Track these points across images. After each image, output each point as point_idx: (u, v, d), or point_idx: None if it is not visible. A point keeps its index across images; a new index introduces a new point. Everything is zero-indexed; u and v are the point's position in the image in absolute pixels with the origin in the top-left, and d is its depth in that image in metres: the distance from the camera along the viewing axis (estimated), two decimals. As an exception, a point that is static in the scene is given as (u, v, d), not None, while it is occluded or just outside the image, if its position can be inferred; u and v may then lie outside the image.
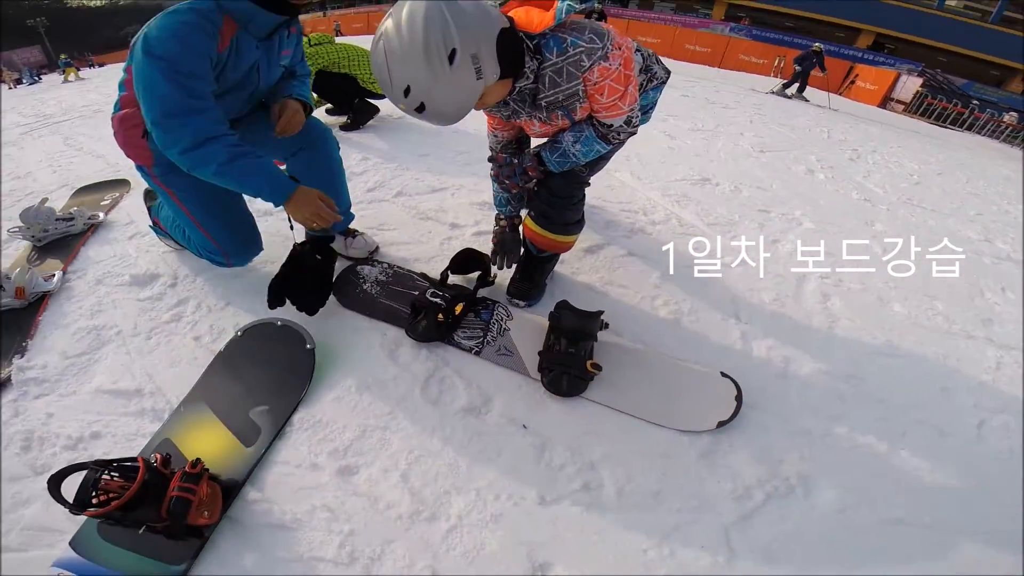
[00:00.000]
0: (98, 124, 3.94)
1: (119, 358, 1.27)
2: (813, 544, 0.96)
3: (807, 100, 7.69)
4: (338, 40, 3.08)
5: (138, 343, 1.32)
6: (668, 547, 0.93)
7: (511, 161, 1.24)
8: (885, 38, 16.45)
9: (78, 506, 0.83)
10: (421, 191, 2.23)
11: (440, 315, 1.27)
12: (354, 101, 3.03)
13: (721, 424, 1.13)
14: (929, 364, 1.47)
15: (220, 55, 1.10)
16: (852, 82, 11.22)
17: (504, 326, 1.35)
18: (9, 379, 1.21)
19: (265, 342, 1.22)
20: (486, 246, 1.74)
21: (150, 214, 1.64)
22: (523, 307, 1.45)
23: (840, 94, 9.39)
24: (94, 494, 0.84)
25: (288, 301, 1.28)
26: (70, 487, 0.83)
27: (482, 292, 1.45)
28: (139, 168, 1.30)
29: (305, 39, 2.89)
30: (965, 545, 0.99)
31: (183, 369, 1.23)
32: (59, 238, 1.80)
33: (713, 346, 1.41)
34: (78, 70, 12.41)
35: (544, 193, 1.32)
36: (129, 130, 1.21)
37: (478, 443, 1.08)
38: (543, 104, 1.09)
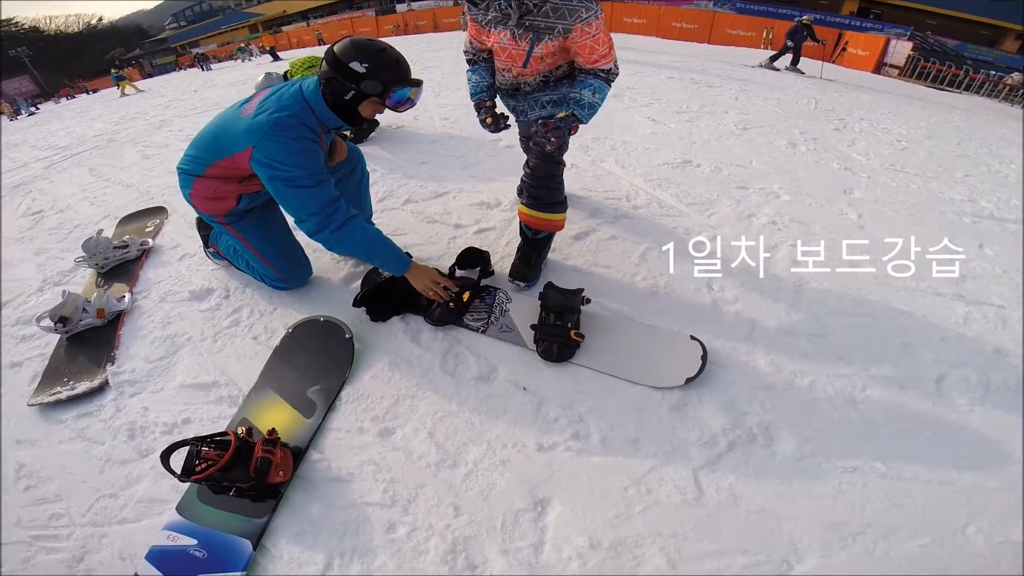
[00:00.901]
0: (115, 153, 4.23)
1: (194, 359, 1.55)
2: (772, 486, 1.08)
3: (803, 72, 7.56)
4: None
5: (207, 345, 1.59)
6: (645, 485, 1.09)
7: (559, 125, 1.36)
8: (870, 3, 15.96)
9: (186, 473, 1.06)
10: (426, 197, 2.46)
11: (451, 303, 1.51)
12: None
13: (689, 380, 1.29)
14: (892, 321, 1.54)
15: (323, 155, 1.43)
16: (843, 49, 10.93)
17: (505, 307, 1.59)
18: (107, 382, 1.49)
19: (312, 335, 1.48)
20: (487, 242, 1.98)
21: (206, 242, 1.92)
22: (523, 288, 1.69)
23: (833, 62, 9.15)
24: (197, 463, 1.07)
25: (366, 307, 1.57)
26: (175, 463, 1.07)
27: (485, 281, 1.69)
28: (208, 217, 1.60)
29: (299, 62, 3.08)
30: (916, 492, 1.07)
31: (248, 363, 1.50)
32: (118, 264, 2.09)
33: (687, 313, 1.56)
34: (133, 82, 12.60)
35: (532, 179, 1.59)
36: (206, 201, 1.52)
37: (488, 404, 1.33)
38: (525, 23, 1.30)
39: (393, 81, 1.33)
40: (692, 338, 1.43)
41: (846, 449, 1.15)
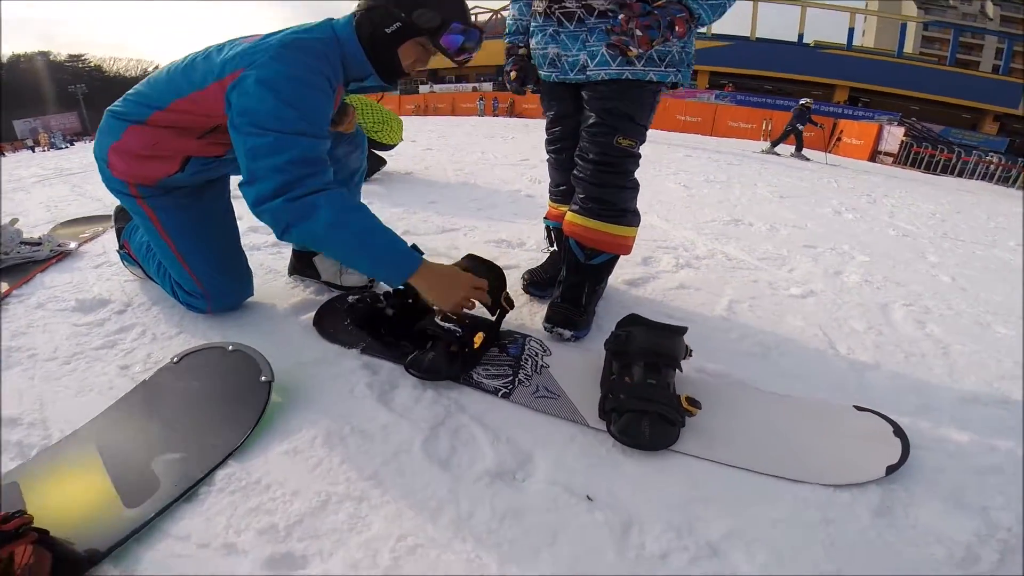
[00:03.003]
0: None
1: (17, 382, 0.92)
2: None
3: (808, 159, 7.45)
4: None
5: (50, 368, 0.97)
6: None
7: (651, 10, 0.92)
8: (859, 92, 17.03)
9: None
10: (430, 231, 2.02)
11: (453, 346, 0.94)
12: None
13: (891, 469, 0.79)
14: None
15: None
16: (839, 139, 10.85)
17: (541, 362, 1.00)
18: None
19: (207, 372, 0.87)
20: (510, 286, 1.43)
21: (119, 237, 1.40)
22: (568, 339, 1.11)
23: (830, 151, 8.91)
24: None
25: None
26: None
27: (509, 322, 1.13)
28: (119, 187, 1.10)
29: None
30: None
31: (89, 399, 0.87)
32: (20, 263, 1.55)
33: (822, 380, 1.08)
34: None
35: (592, 173, 1.07)
36: (133, 160, 1.06)
37: (516, 524, 0.67)
38: None
39: (455, 15, 0.97)
40: (859, 409, 0.92)
41: None
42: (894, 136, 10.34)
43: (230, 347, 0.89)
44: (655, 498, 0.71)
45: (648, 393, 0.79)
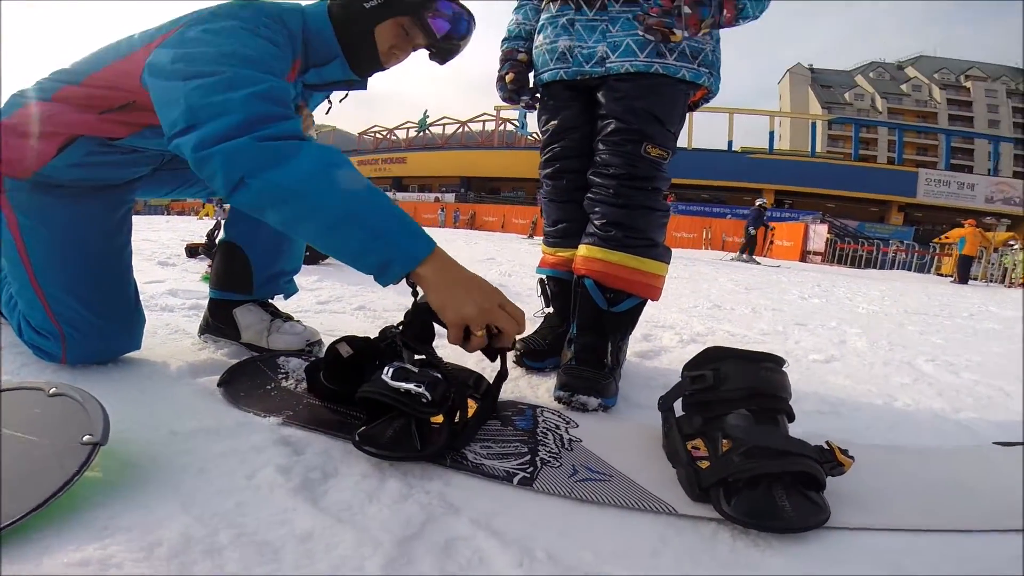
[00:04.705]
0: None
1: None
2: None
3: (758, 262, 7.89)
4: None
5: None
6: None
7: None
8: (783, 194, 18.64)
9: None
10: (391, 308, 1.77)
11: (433, 413, 0.61)
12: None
13: None
14: None
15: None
16: (771, 242, 11.56)
17: (567, 436, 0.71)
18: None
19: (9, 425, 0.51)
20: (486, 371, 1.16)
21: None
22: (595, 410, 0.83)
23: (765, 255, 9.48)
24: None
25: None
26: None
27: (510, 392, 0.87)
28: None
29: None
30: None
31: None
32: None
33: (915, 430, 0.94)
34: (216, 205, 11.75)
35: (615, 195, 0.90)
36: (5, 137, 0.82)
37: None
38: None
39: None
40: (1004, 444, 0.78)
41: None
42: (819, 235, 11.18)
43: (52, 390, 0.54)
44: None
45: (783, 443, 0.50)
